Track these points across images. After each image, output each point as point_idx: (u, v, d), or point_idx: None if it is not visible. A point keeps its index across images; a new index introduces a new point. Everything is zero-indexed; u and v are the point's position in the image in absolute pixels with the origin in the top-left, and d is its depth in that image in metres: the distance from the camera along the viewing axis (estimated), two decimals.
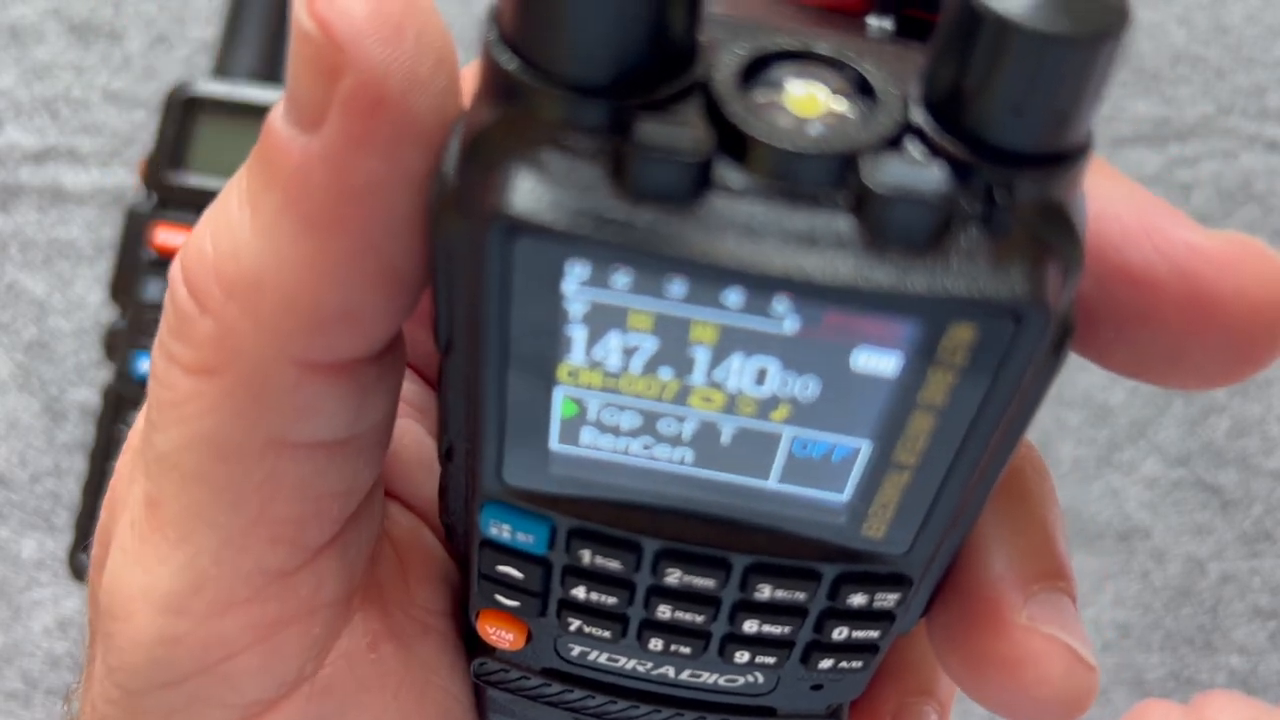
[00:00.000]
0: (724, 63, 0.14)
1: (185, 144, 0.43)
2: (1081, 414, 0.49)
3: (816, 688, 0.21)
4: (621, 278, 0.15)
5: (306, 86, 0.16)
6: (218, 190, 0.47)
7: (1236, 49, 0.50)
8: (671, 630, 0.19)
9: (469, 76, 0.17)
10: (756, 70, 0.15)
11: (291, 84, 0.16)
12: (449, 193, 0.15)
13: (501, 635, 0.20)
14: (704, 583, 0.18)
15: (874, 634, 0.19)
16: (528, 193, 0.14)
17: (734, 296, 0.15)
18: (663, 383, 0.16)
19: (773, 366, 0.16)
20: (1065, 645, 0.19)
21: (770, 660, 0.20)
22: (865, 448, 0.16)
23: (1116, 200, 0.17)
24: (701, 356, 0.16)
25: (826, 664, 0.20)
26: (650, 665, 0.20)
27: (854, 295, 0.14)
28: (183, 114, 0.43)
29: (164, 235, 0.43)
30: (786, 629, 0.19)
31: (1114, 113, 0.49)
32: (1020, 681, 0.19)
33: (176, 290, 0.18)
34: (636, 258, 0.14)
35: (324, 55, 0.15)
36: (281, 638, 0.20)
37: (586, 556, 0.18)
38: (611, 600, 0.19)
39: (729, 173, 0.14)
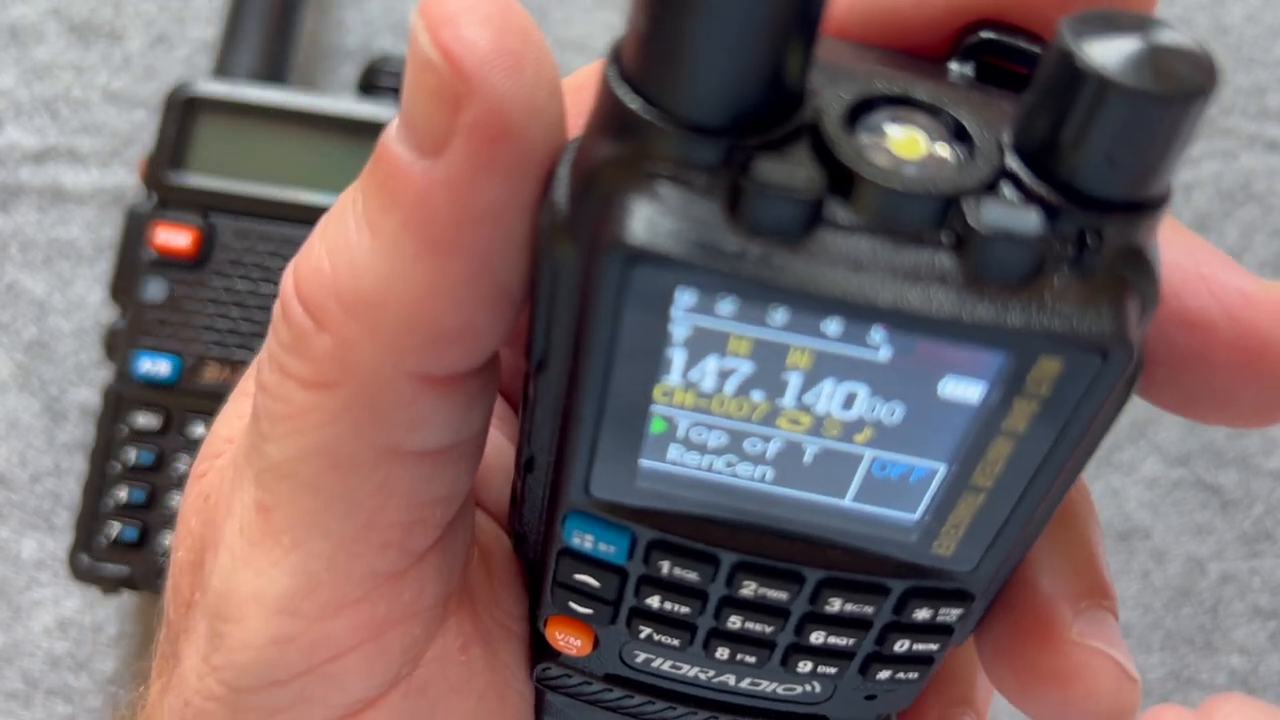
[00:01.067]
0: (830, 106, 0.15)
1: (185, 144, 0.43)
2: None
3: (870, 698, 0.21)
4: (726, 306, 0.16)
5: (429, 113, 0.16)
6: (218, 190, 0.49)
7: (1236, 49, 0.50)
8: (739, 640, 0.20)
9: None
10: (860, 114, 0.15)
11: (411, 110, 0.17)
12: (560, 220, 0.16)
13: (569, 641, 0.21)
14: (777, 595, 0.19)
15: (933, 647, 0.20)
16: (647, 223, 0.15)
17: (833, 326, 0.16)
18: (754, 404, 0.17)
19: (862, 392, 0.16)
20: (1113, 660, 0.19)
21: (831, 670, 0.20)
22: (942, 470, 0.17)
23: (1176, 247, 0.18)
24: (794, 381, 0.16)
25: (884, 675, 0.20)
26: (712, 673, 0.21)
27: (953, 328, 0.15)
28: (183, 114, 0.43)
29: (164, 235, 0.43)
30: (850, 640, 0.20)
31: None
32: (1071, 695, 0.19)
33: (291, 307, 0.19)
34: (747, 288, 0.15)
35: (448, 84, 0.16)
36: (386, 639, 0.20)
37: (665, 568, 0.19)
38: (684, 610, 0.19)
39: (837, 210, 0.15)
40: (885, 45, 0.18)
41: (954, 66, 0.17)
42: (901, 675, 0.20)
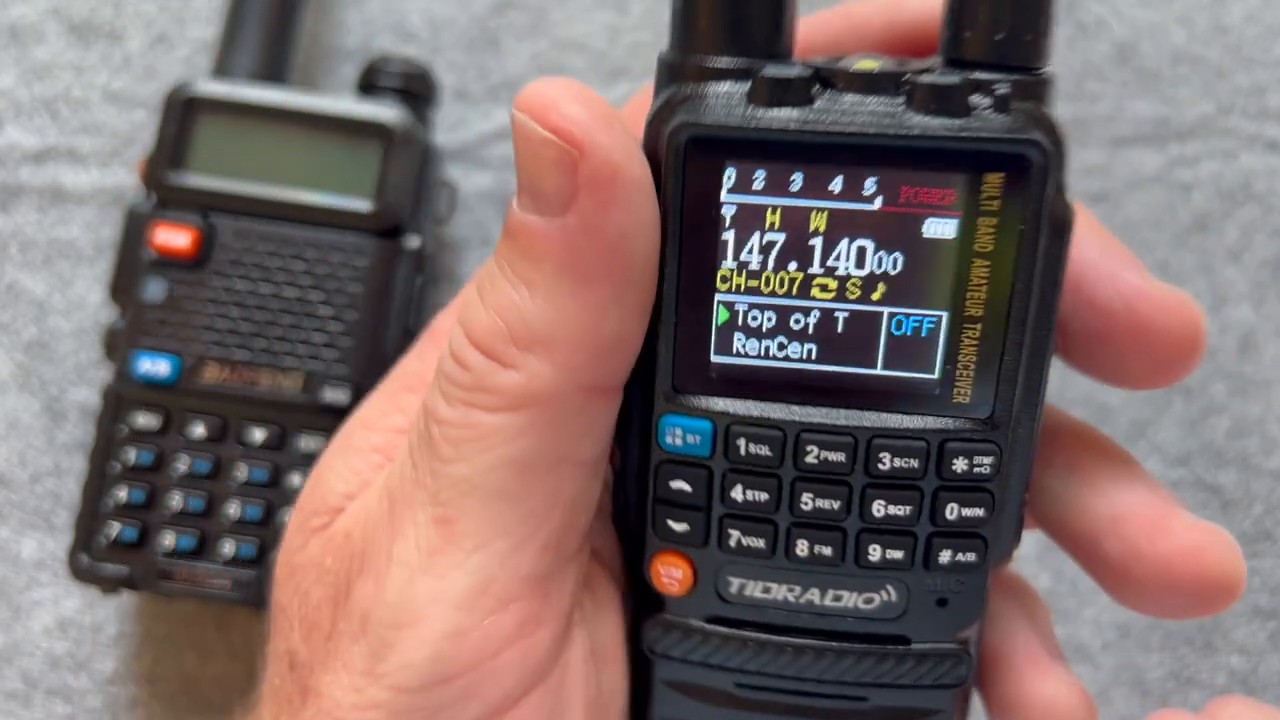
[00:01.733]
0: (815, 59, 0.22)
1: (185, 144, 0.43)
2: (1082, 414, 0.49)
3: (941, 603, 0.24)
4: (759, 178, 0.22)
5: (553, 180, 0.21)
6: (218, 190, 0.49)
7: (1237, 49, 0.50)
8: (814, 527, 0.23)
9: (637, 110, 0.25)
10: (837, 60, 0.22)
11: (536, 182, 0.21)
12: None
13: (671, 575, 0.24)
14: (836, 457, 0.23)
15: (980, 512, 0.23)
16: (695, 110, 0.21)
17: (837, 182, 0.22)
18: (791, 276, 0.22)
19: (869, 245, 0.22)
20: (1220, 530, 0.25)
21: (898, 555, 0.24)
22: (944, 317, 0.22)
23: (1094, 248, 0.24)
24: (818, 244, 0.22)
25: (945, 556, 0.24)
26: (799, 590, 0.24)
27: (915, 146, 0.21)
28: (183, 114, 0.43)
29: (164, 235, 0.43)
30: (908, 510, 0.23)
31: (1114, 113, 0.49)
32: (1202, 563, 0.24)
33: (469, 355, 0.23)
34: (771, 145, 0.21)
35: (565, 154, 0.21)
36: (537, 637, 0.24)
37: (742, 446, 0.23)
38: (763, 497, 0.23)
39: (825, 93, 0.22)
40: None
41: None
42: (961, 557, 0.24)
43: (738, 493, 0.23)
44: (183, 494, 0.42)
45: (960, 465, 0.23)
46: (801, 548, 0.24)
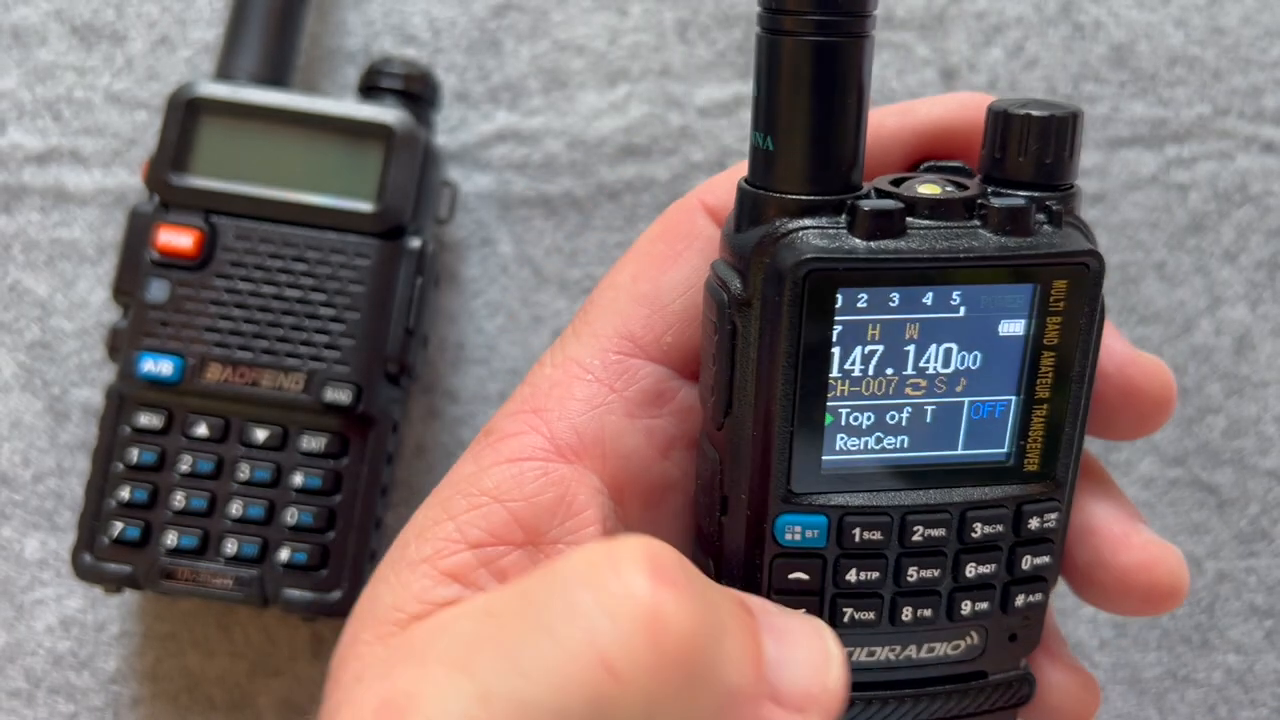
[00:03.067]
0: (878, 182, 0.27)
1: (187, 146, 0.44)
2: None
3: (1012, 638, 0.28)
4: (862, 298, 0.25)
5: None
6: (220, 192, 0.50)
7: (1233, 50, 0.50)
8: (917, 594, 0.27)
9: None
10: (897, 183, 0.26)
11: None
12: (736, 294, 0.25)
13: None
14: (937, 532, 0.26)
15: (1047, 560, 0.27)
16: (806, 248, 0.25)
17: (929, 296, 0.25)
18: (888, 379, 0.26)
19: (954, 347, 0.26)
20: (1170, 546, 0.28)
21: (984, 606, 0.27)
22: (1014, 401, 0.27)
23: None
24: (910, 350, 0.26)
25: (1020, 600, 0.27)
26: (898, 649, 0.27)
27: (998, 264, 0.25)
28: (185, 116, 0.44)
29: (166, 236, 0.43)
30: (992, 568, 0.27)
31: (1111, 114, 0.50)
32: (1154, 575, 0.28)
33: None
34: (875, 273, 0.25)
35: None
36: None
37: (856, 534, 0.26)
38: (874, 575, 0.26)
39: (911, 221, 0.25)
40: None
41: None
42: (1031, 598, 0.27)
43: (851, 575, 0.26)
44: (185, 493, 0.43)
45: (1034, 524, 0.27)
46: (906, 614, 0.27)
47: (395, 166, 0.43)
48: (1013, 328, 0.26)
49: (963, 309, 0.26)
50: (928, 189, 0.26)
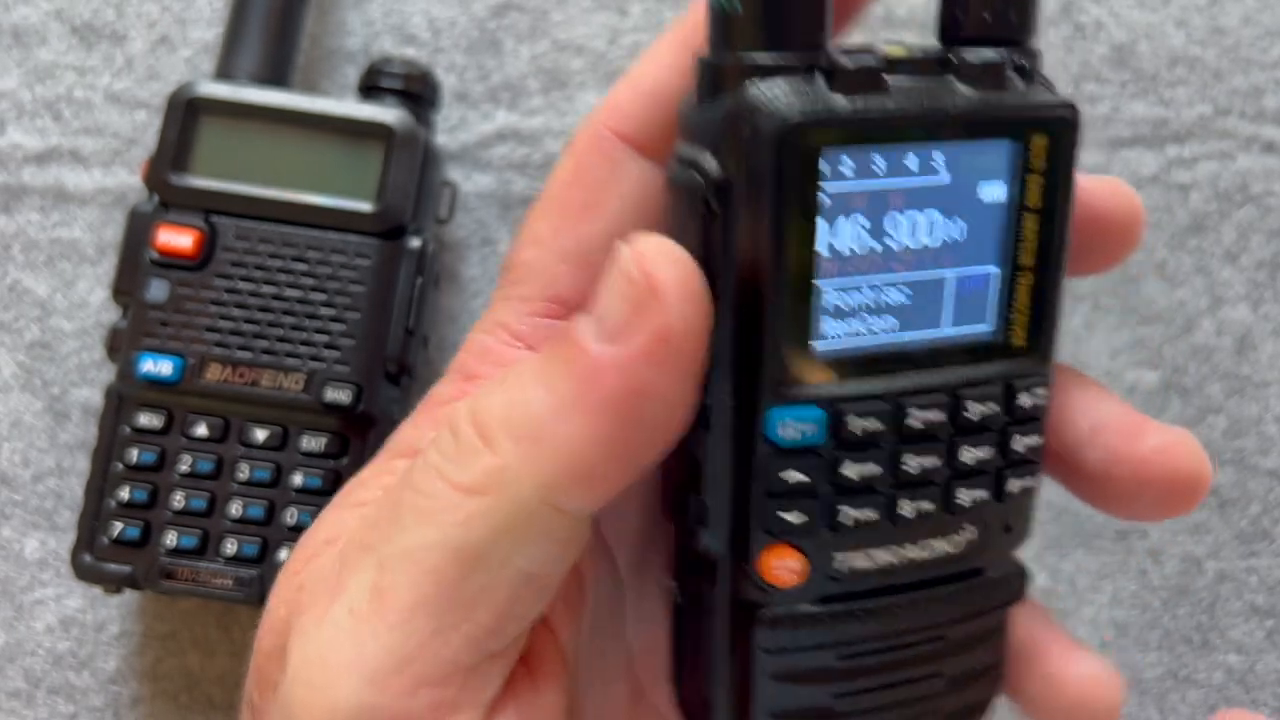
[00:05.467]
0: (840, 47, 0.24)
1: (187, 145, 0.44)
2: None
3: (1007, 529, 0.27)
4: (846, 164, 0.23)
5: (617, 310, 0.22)
6: (220, 191, 0.49)
7: (1234, 51, 0.50)
8: (915, 485, 0.25)
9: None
10: (857, 50, 0.24)
11: (605, 308, 0.22)
12: (715, 172, 0.23)
13: (786, 566, 0.25)
14: (936, 416, 0.25)
15: (1037, 440, 0.26)
16: (790, 106, 0.23)
17: (912, 159, 0.24)
18: (875, 255, 0.24)
19: (937, 216, 0.24)
20: (1185, 430, 0.27)
21: (983, 495, 0.26)
22: (997, 272, 0.25)
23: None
24: (894, 220, 0.24)
25: (1015, 485, 0.26)
26: (899, 550, 0.25)
27: (976, 115, 0.24)
28: (185, 115, 0.44)
29: (166, 236, 0.43)
30: (988, 451, 0.25)
31: (1111, 114, 0.49)
32: (1175, 458, 0.26)
33: (464, 429, 0.23)
34: (859, 130, 0.23)
35: (641, 294, 0.22)
36: None
37: (854, 425, 0.24)
38: (874, 469, 0.25)
39: (887, 79, 0.23)
40: None
41: None
42: (1025, 483, 0.26)
43: (849, 470, 0.24)
44: (185, 493, 0.43)
45: (1025, 401, 0.25)
46: (906, 509, 0.25)
47: (395, 166, 0.43)
48: (994, 191, 0.25)
49: (945, 172, 0.24)
50: (895, 50, 0.24)
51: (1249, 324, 0.50)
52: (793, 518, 0.24)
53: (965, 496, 0.25)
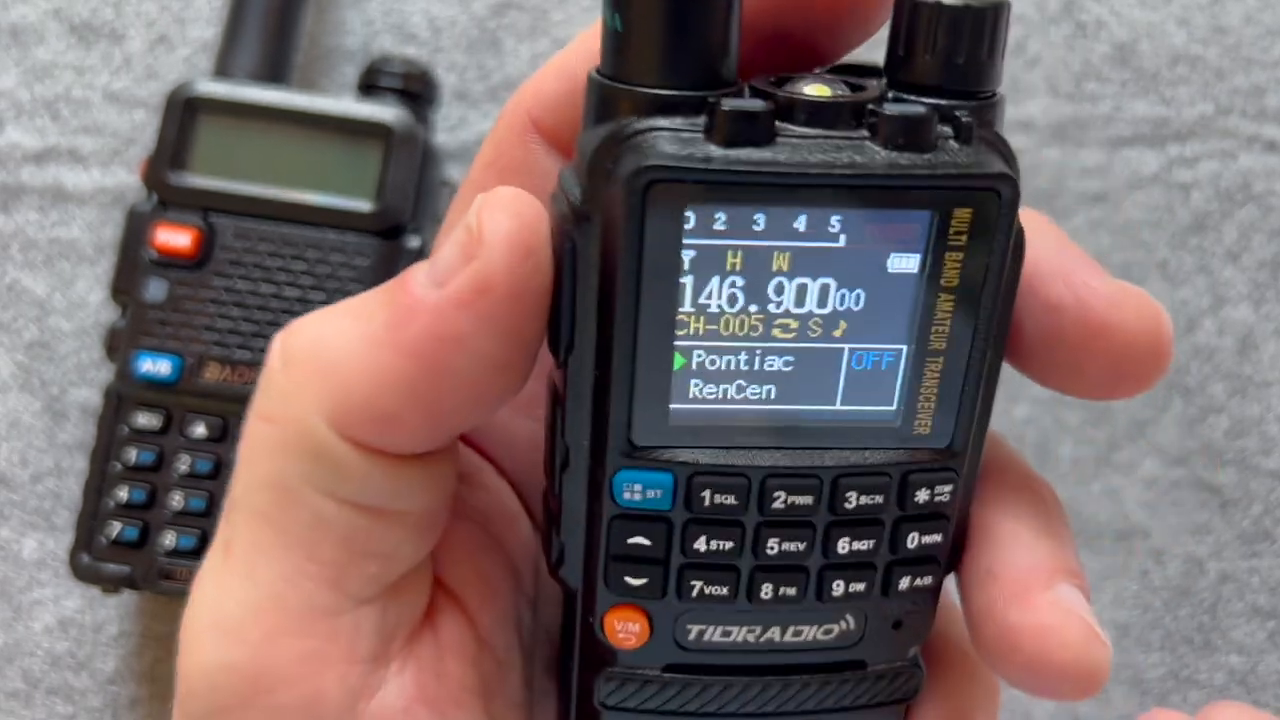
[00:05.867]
0: (758, 83, 0.21)
1: (186, 144, 0.43)
2: (1081, 414, 0.49)
3: (896, 625, 0.24)
4: (720, 219, 0.20)
5: (449, 256, 0.21)
6: (219, 191, 0.49)
7: (1235, 50, 0.50)
8: (778, 570, 0.23)
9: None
10: (780, 84, 0.21)
11: (440, 254, 0.21)
12: (575, 203, 0.21)
13: (628, 630, 0.23)
14: (803, 500, 0.22)
15: (937, 538, 0.23)
16: (653, 151, 0.20)
17: (801, 221, 0.21)
18: (752, 318, 0.21)
19: (832, 284, 0.21)
20: (1082, 618, 0.22)
21: (860, 587, 0.23)
22: (905, 350, 0.22)
23: (1048, 248, 0.23)
24: (779, 284, 0.21)
25: (904, 583, 0.23)
26: (759, 630, 0.23)
27: (881, 187, 0.20)
28: (183, 114, 0.43)
29: (164, 235, 0.43)
30: (870, 544, 0.23)
31: (1113, 113, 0.49)
32: (1045, 648, 0.22)
33: (274, 347, 0.22)
34: (733, 188, 0.20)
35: (471, 242, 0.21)
36: (321, 679, 0.22)
37: (706, 498, 0.22)
38: (727, 545, 0.22)
39: (785, 126, 0.20)
40: None
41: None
42: (918, 581, 0.23)
43: (700, 543, 0.22)
44: (184, 493, 0.43)
45: (922, 496, 0.23)
46: (765, 591, 0.23)
47: (394, 165, 0.43)
48: (904, 264, 0.21)
49: (842, 238, 0.21)
50: (814, 89, 0.21)
51: (1251, 324, 0.50)
52: (637, 582, 0.23)
53: (840, 588, 0.23)
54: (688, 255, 0.21)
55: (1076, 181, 0.49)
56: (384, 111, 0.44)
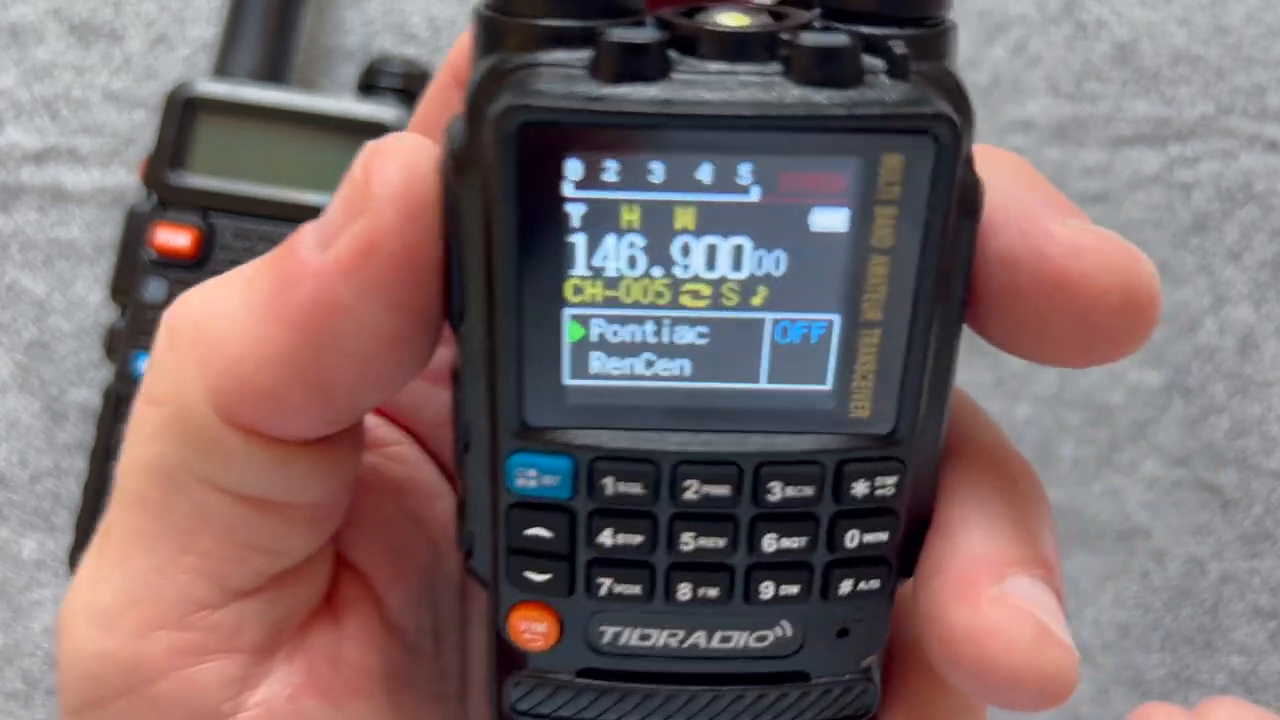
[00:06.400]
0: (665, 12, 0.18)
1: (185, 144, 0.43)
2: (1082, 414, 0.49)
3: (842, 633, 0.21)
4: (610, 169, 0.18)
5: (334, 214, 0.19)
6: (218, 190, 0.49)
7: (1236, 49, 0.50)
8: (697, 568, 0.20)
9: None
10: (694, 14, 0.18)
11: (328, 210, 0.19)
12: (457, 149, 0.18)
13: (534, 630, 0.21)
14: (719, 491, 0.19)
15: (882, 536, 0.20)
16: (525, 92, 0.17)
17: (705, 171, 0.18)
18: (656, 282, 0.19)
19: (746, 244, 0.18)
20: (1032, 616, 0.19)
21: (794, 590, 0.20)
22: (836, 321, 0.19)
23: (1007, 190, 0.19)
24: (685, 245, 0.18)
25: (846, 586, 0.20)
26: (682, 634, 0.21)
27: (792, 129, 0.17)
28: (183, 114, 0.43)
29: (164, 235, 0.43)
30: (803, 541, 0.20)
31: (1114, 112, 0.49)
32: (987, 652, 0.19)
33: (162, 328, 0.20)
34: (621, 132, 0.17)
35: (356, 196, 0.19)
36: (200, 670, 0.21)
37: (609, 486, 0.19)
38: (637, 539, 0.20)
39: (684, 60, 0.17)
40: None
41: None
42: (864, 585, 0.21)
43: (606, 537, 0.20)
44: None
45: (860, 489, 0.20)
46: (683, 591, 0.20)
47: None
48: (831, 220, 0.18)
49: (755, 191, 0.18)
50: (728, 18, 0.18)
51: (1252, 324, 0.50)
52: (540, 578, 0.20)
53: (769, 590, 0.20)
54: (575, 210, 0.18)
55: (1077, 181, 0.49)
56: (384, 111, 0.44)
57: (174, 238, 0.43)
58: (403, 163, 0.18)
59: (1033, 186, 0.19)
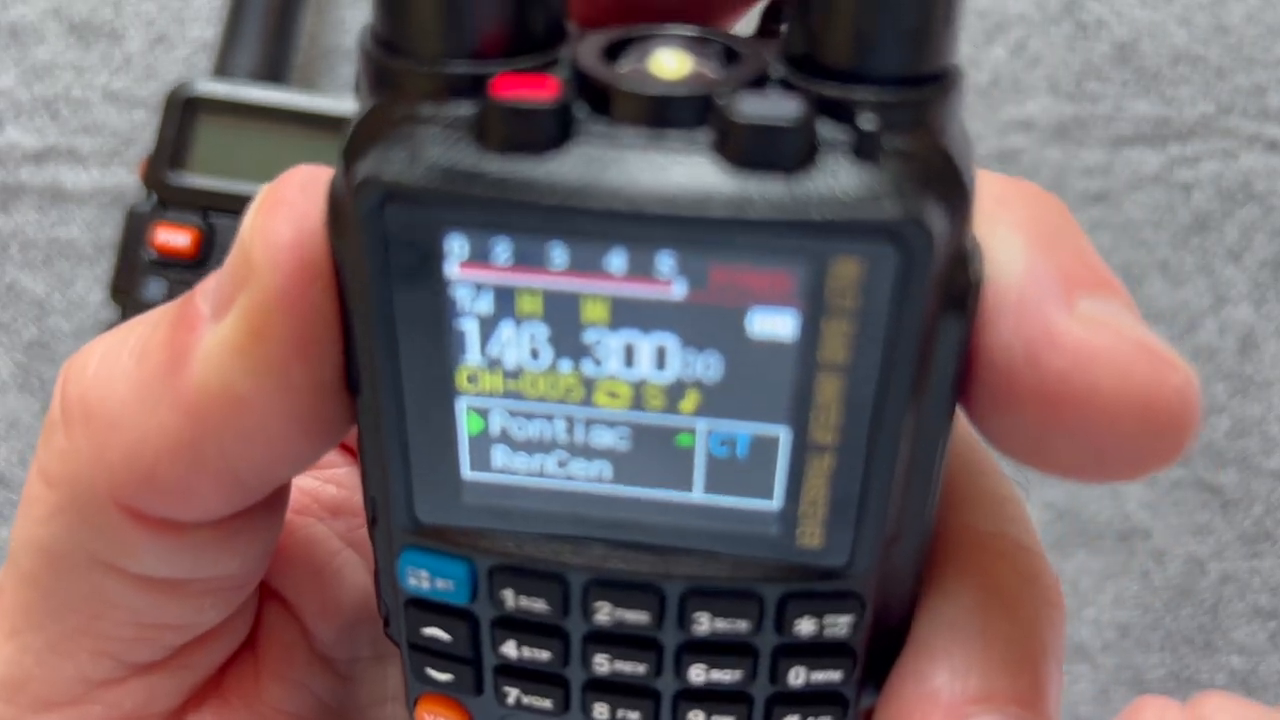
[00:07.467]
0: (590, 43, 0.15)
1: (185, 144, 0.43)
2: None
3: None
4: (502, 249, 0.14)
5: (225, 276, 0.16)
6: (218, 190, 0.48)
7: (1237, 49, 0.50)
8: (616, 691, 0.18)
9: None
10: (623, 48, 0.15)
11: (225, 263, 0.16)
12: (338, 203, 0.15)
13: None
14: (638, 617, 0.17)
15: (835, 676, 0.17)
16: (392, 158, 0.14)
17: (618, 259, 0.14)
18: (565, 378, 0.15)
19: (671, 344, 0.15)
20: None
21: None
22: (783, 435, 0.15)
23: (1010, 254, 0.15)
24: (598, 340, 0.15)
25: None
26: None
27: (722, 224, 0.14)
28: (183, 114, 0.43)
29: (164, 235, 0.43)
30: (738, 675, 0.17)
31: (1114, 112, 0.49)
32: None
33: (56, 394, 0.18)
34: (508, 209, 0.14)
35: (242, 262, 0.16)
36: None
37: (509, 599, 0.17)
38: (545, 655, 0.17)
39: (592, 124, 0.14)
40: None
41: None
42: None
43: (510, 649, 0.17)
44: None
45: (806, 627, 0.17)
46: (600, 711, 0.18)
47: None
48: (772, 325, 0.15)
49: (679, 286, 0.14)
50: (665, 58, 0.14)
51: (1252, 323, 0.50)
52: (443, 677, 0.18)
53: (699, 719, 0.18)
54: (461, 293, 0.15)
55: (1077, 181, 0.49)
56: None
57: (174, 238, 0.43)
58: (292, 217, 0.16)
59: (1049, 248, 0.15)
